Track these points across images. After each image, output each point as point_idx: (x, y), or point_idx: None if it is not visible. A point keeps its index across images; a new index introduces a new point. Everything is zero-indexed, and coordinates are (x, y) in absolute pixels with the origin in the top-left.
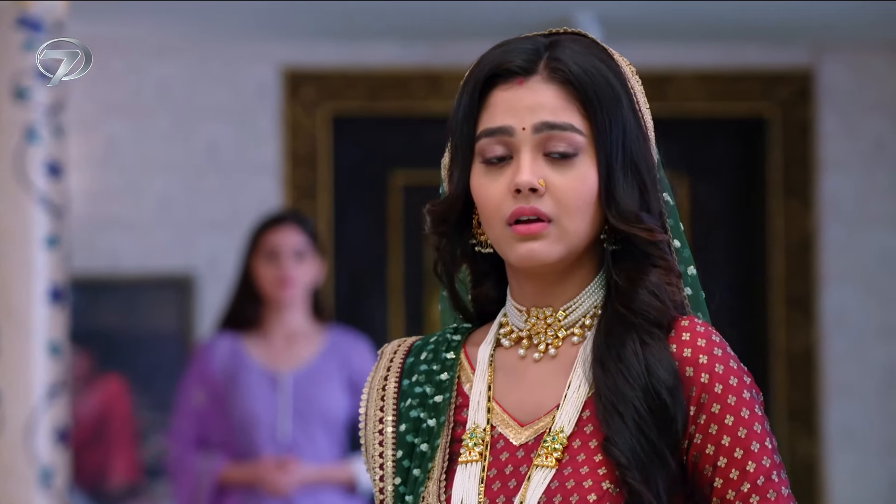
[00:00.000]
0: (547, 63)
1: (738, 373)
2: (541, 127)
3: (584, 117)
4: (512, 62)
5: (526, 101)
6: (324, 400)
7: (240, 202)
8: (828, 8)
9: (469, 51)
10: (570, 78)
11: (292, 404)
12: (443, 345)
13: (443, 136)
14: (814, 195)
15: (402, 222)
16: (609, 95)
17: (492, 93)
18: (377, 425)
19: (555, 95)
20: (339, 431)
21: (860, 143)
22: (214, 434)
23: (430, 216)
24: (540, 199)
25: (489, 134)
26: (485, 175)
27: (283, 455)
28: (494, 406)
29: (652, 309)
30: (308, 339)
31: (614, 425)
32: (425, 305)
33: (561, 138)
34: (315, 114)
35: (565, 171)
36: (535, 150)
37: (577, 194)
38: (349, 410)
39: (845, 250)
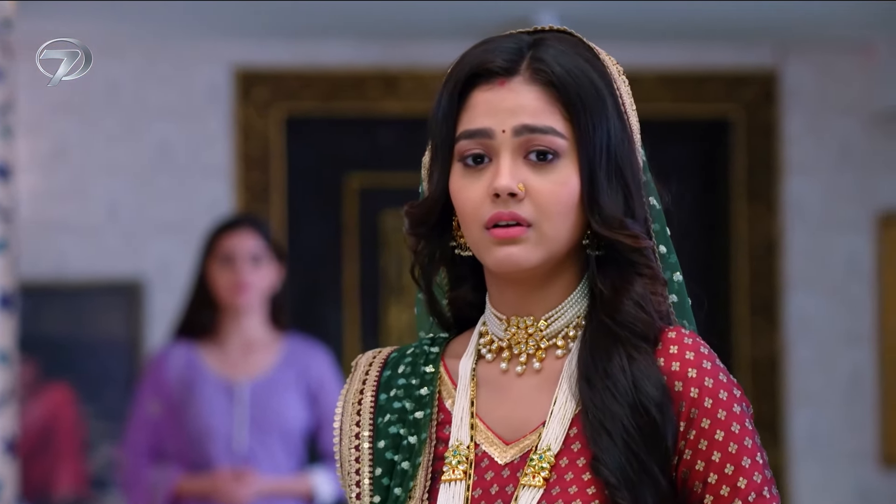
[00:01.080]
0: (529, 63)
1: (728, 386)
2: (521, 130)
3: (566, 120)
4: (493, 62)
5: (506, 102)
6: (281, 410)
7: (191, 206)
8: (792, 8)
9: (426, 50)
10: (552, 79)
11: (249, 415)
12: (421, 357)
13: (399, 138)
14: (778, 199)
15: (358, 227)
16: (593, 97)
17: (472, 93)
18: (353, 440)
19: (536, 97)
20: (297, 443)
21: (826, 145)
22: (169, 445)
23: (409, 218)
24: (519, 203)
25: (468, 136)
26: (464, 177)
27: (240, 466)
28: (478, 423)
29: (638, 321)
30: (265, 347)
31: (602, 444)
32: (382, 313)
33: (542, 142)
34: (268, 115)
35: (546, 175)
36: (515, 154)
37: (557, 199)
38: (307, 421)
39: (810, 255)
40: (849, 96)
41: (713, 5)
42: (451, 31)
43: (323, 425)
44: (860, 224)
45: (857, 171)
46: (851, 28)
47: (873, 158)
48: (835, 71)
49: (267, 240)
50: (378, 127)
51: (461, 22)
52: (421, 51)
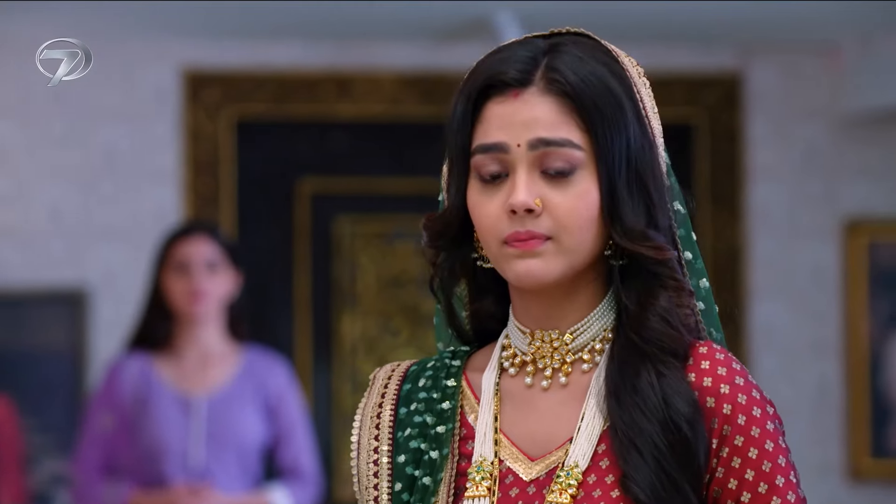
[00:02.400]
0: (544, 73)
1: (762, 403)
2: (536, 144)
3: (583, 130)
4: (507, 73)
5: (521, 115)
6: (239, 425)
7: (137, 212)
8: (756, 8)
9: (381, 51)
10: (567, 89)
11: (205, 430)
12: (442, 371)
13: (352, 142)
14: (742, 205)
15: (310, 233)
16: (611, 105)
17: (487, 105)
18: (371, 455)
19: (551, 109)
20: (254, 458)
21: (791, 150)
22: (122, 460)
23: (428, 232)
24: (536, 219)
25: (483, 150)
26: (480, 192)
27: (196, 482)
28: (502, 438)
29: (665, 337)
30: (223, 360)
31: (632, 461)
32: (334, 322)
33: (558, 155)
34: (217, 118)
35: (564, 189)
36: (532, 168)
37: (576, 213)
38: (265, 436)
39: (775, 263)
40: (814, 100)
41: (674, 6)
42: (407, 32)
43: (281, 440)
44: (826, 231)
45: (823, 176)
46: (816, 29)
47: (839, 163)
48: (800, 73)
49: (223, 246)
50: (331, 130)
51: (416, 22)
52: (375, 51)
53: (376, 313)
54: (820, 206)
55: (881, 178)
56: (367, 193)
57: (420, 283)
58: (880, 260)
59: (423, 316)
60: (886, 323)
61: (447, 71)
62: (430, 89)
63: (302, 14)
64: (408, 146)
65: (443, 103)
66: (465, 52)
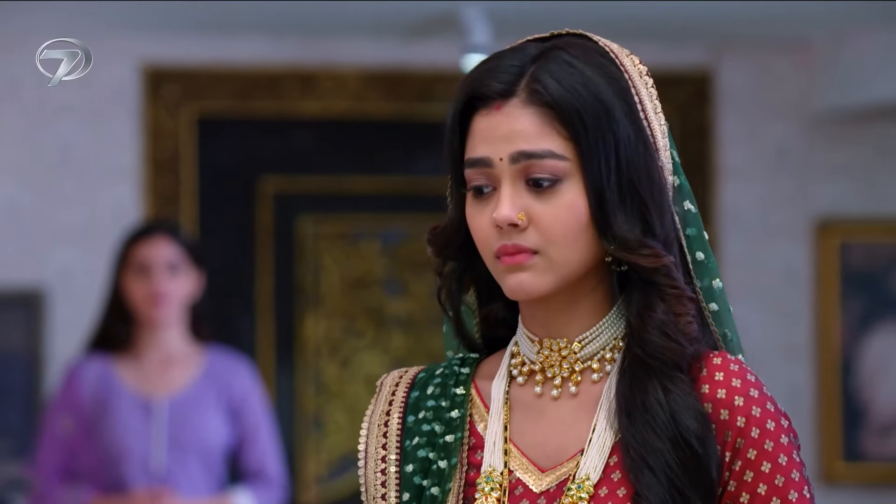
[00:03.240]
0: (527, 84)
1: (776, 416)
2: (518, 157)
3: (566, 140)
4: (489, 86)
5: (502, 129)
6: (202, 428)
7: (95, 211)
8: (726, 5)
9: (345, 48)
10: (548, 100)
11: (167, 433)
12: (450, 378)
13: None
14: (712, 205)
15: (273, 233)
16: (596, 112)
17: (474, 117)
18: (379, 464)
19: (531, 121)
20: (218, 462)
21: (762, 148)
22: (82, 464)
23: (432, 246)
24: (522, 233)
25: (471, 165)
26: (473, 205)
27: (157, 486)
28: (512, 448)
29: (666, 351)
30: (185, 361)
31: (644, 480)
32: (297, 324)
33: (540, 167)
34: (178, 115)
35: (549, 201)
36: (516, 181)
37: (563, 224)
38: (228, 439)
39: (746, 264)
40: (786, 97)
41: (644, 3)
42: (372, 28)
43: (245, 442)
44: (797, 231)
45: (795, 175)
46: (788, 26)
47: (811, 162)
48: (771, 71)
49: (184, 246)
50: (294, 128)
51: (382, 18)
52: (340, 48)
53: (340, 315)
54: (791, 206)
55: (853, 177)
56: (331, 193)
57: (384, 283)
58: (852, 261)
59: (387, 317)
60: (858, 325)
61: (413, 68)
62: (396, 86)
63: (265, 9)
64: (373, 144)
65: (408, 101)
66: (432, 48)
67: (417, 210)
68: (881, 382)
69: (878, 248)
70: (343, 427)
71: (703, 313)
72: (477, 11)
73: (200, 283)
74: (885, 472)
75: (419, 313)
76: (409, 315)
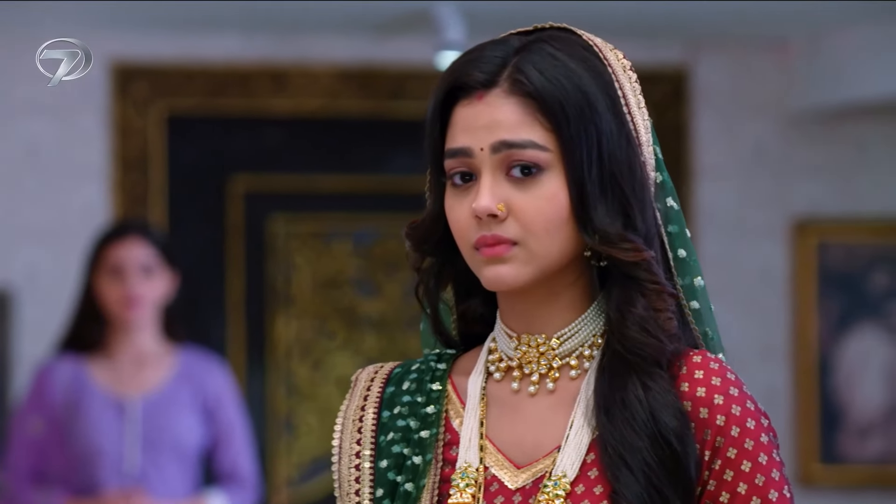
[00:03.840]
0: (510, 74)
1: (756, 415)
2: (498, 146)
3: (548, 131)
4: (471, 75)
5: (483, 118)
6: (175, 428)
7: (62, 210)
8: (703, 3)
9: (317, 45)
10: (530, 90)
11: (141, 433)
12: (427, 374)
13: (287, 138)
14: (689, 204)
15: (244, 232)
16: (578, 104)
17: (455, 108)
18: (353, 459)
19: (513, 110)
20: (192, 463)
21: (738, 147)
22: (54, 467)
23: (411, 240)
24: (502, 224)
25: (451, 155)
26: (452, 196)
27: (129, 487)
28: (487, 444)
29: (647, 347)
30: (159, 361)
31: (623, 478)
32: (268, 325)
33: (521, 157)
34: (147, 113)
35: (530, 191)
36: (496, 171)
37: (543, 216)
38: (203, 440)
39: (722, 264)
40: (763, 96)
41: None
42: (345, 24)
43: (220, 444)
44: (775, 231)
45: (772, 175)
46: (766, 24)
47: (789, 162)
48: (748, 69)
49: (158, 247)
50: (265, 126)
51: (355, 14)
52: (312, 44)
53: (312, 315)
54: (768, 206)
55: (831, 176)
56: (303, 191)
57: (356, 283)
58: (830, 261)
59: (359, 318)
60: (836, 325)
61: (386, 65)
62: (369, 84)
63: (236, 5)
64: (345, 142)
65: (381, 99)
66: (405, 46)
67: (390, 209)
68: (859, 384)
69: (857, 248)
70: (314, 429)
71: (684, 311)
72: (451, 8)
73: (174, 284)
74: (863, 475)
75: (392, 314)
76: (382, 316)
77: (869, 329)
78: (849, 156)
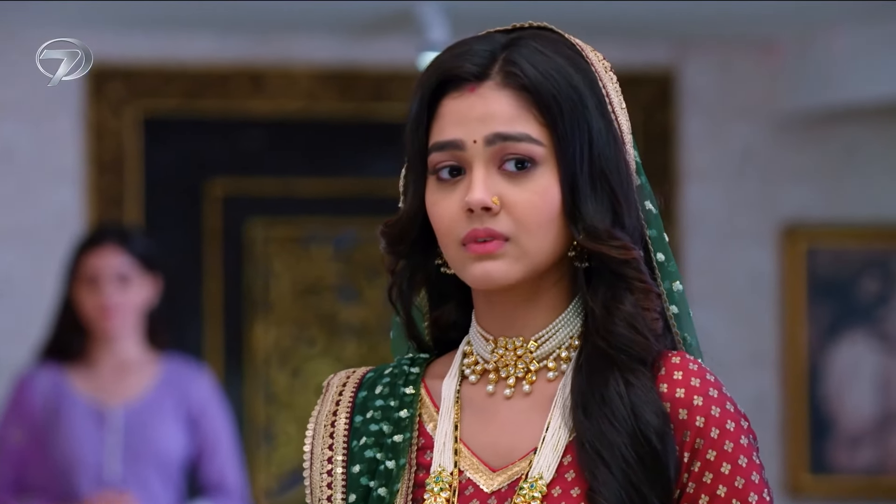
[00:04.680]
0: (501, 67)
1: (736, 416)
2: (493, 139)
3: (542, 125)
4: (462, 67)
5: (476, 110)
6: (158, 438)
7: (36, 213)
8: (691, 3)
9: (297, 45)
10: (525, 83)
11: (123, 442)
12: (400, 378)
13: (266, 141)
14: (676, 208)
15: (221, 237)
16: (572, 100)
17: (443, 101)
18: (325, 465)
19: (508, 103)
20: (175, 473)
21: (726, 150)
22: (34, 477)
23: (385, 238)
24: (495, 218)
25: (439, 148)
26: (437, 191)
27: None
28: (462, 448)
29: (632, 344)
30: (141, 369)
31: (600, 475)
32: (246, 331)
33: (516, 150)
34: (122, 114)
35: (523, 186)
36: (489, 165)
37: (536, 210)
38: (187, 450)
39: (710, 269)
40: (751, 98)
41: (605, 0)
42: (325, 25)
43: (205, 454)
44: (763, 236)
45: (761, 178)
46: (754, 25)
47: (777, 165)
48: (736, 71)
49: (135, 255)
50: (244, 128)
51: (335, 14)
52: (291, 45)
53: (291, 322)
54: (757, 210)
55: (821, 180)
56: (282, 195)
57: (337, 289)
58: (819, 267)
59: (340, 325)
60: (826, 333)
61: (367, 66)
62: (349, 86)
63: (214, 5)
64: (325, 145)
65: (362, 100)
66: (387, 46)
67: (371, 213)
68: (849, 392)
69: (846, 253)
70: (294, 439)
71: (666, 314)
72: (434, 8)
73: (156, 290)
74: (853, 486)
75: (373, 320)
76: (363, 322)
77: (859, 336)
78: (838, 159)
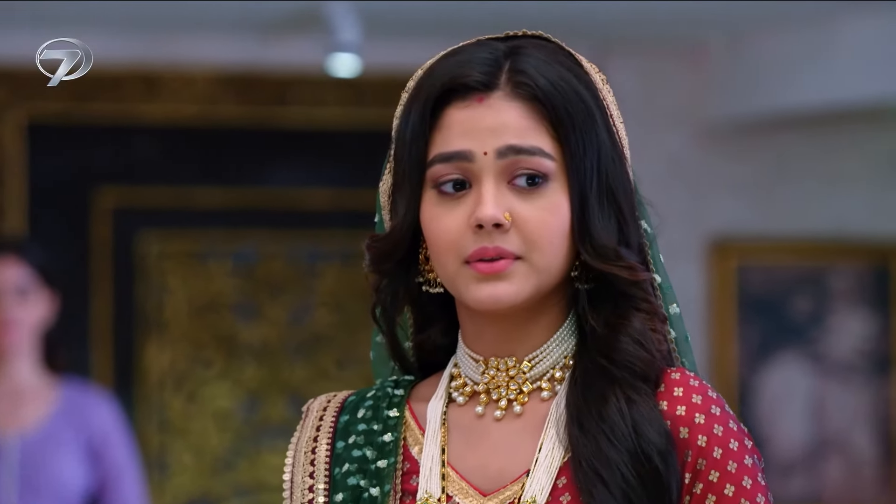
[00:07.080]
0: (510, 76)
1: (739, 435)
2: (505, 151)
3: (553, 139)
4: (470, 76)
5: (487, 121)
6: (57, 469)
7: None
8: (614, 3)
9: (195, 47)
10: (537, 94)
11: (18, 474)
12: (383, 401)
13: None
14: None
15: (111, 251)
16: (581, 112)
17: (445, 111)
18: (306, 494)
19: (519, 114)
20: None
21: (652, 160)
22: None
23: (372, 253)
24: (504, 235)
25: (444, 159)
26: (438, 205)
27: None
28: (450, 472)
29: (638, 360)
30: (38, 395)
31: (598, 495)
32: (138, 352)
33: (528, 165)
34: (4, 119)
35: (534, 202)
36: (499, 179)
37: (548, 228)
38: (88, 482)
39: None
40: (678, 104)
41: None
42: (225, 24)
43: (107, 487)
44: (691, 251)
45: (688, 190)
46: (681, 27)
47: (706, 176)
48: (662, 75)
49: (35, 267)
50: (136, 135)
51: (236, 13)
52: (188, 46)
53: (186, 342)
54: (684, 224)
55: (751, 192)
56: (177, 206)
57: (236, 307)
58: (750, 284)
59: (239, 345)
60: (756, 353)
61: (270, 68)
62: (250, 89)
63: (104, 2)
64: (224, 153)
65: (264, 105)
66: (292, 47)
67: (273, 226)
68: (782, 416)
69: (778, 270)
70: (189, 467)
71: (667, 337)
72: (345, 8)
73: (54, 307)
74: None
75: (275, 341)
76: (264, 343)
77: (791, 357)
78: (770, 170)
